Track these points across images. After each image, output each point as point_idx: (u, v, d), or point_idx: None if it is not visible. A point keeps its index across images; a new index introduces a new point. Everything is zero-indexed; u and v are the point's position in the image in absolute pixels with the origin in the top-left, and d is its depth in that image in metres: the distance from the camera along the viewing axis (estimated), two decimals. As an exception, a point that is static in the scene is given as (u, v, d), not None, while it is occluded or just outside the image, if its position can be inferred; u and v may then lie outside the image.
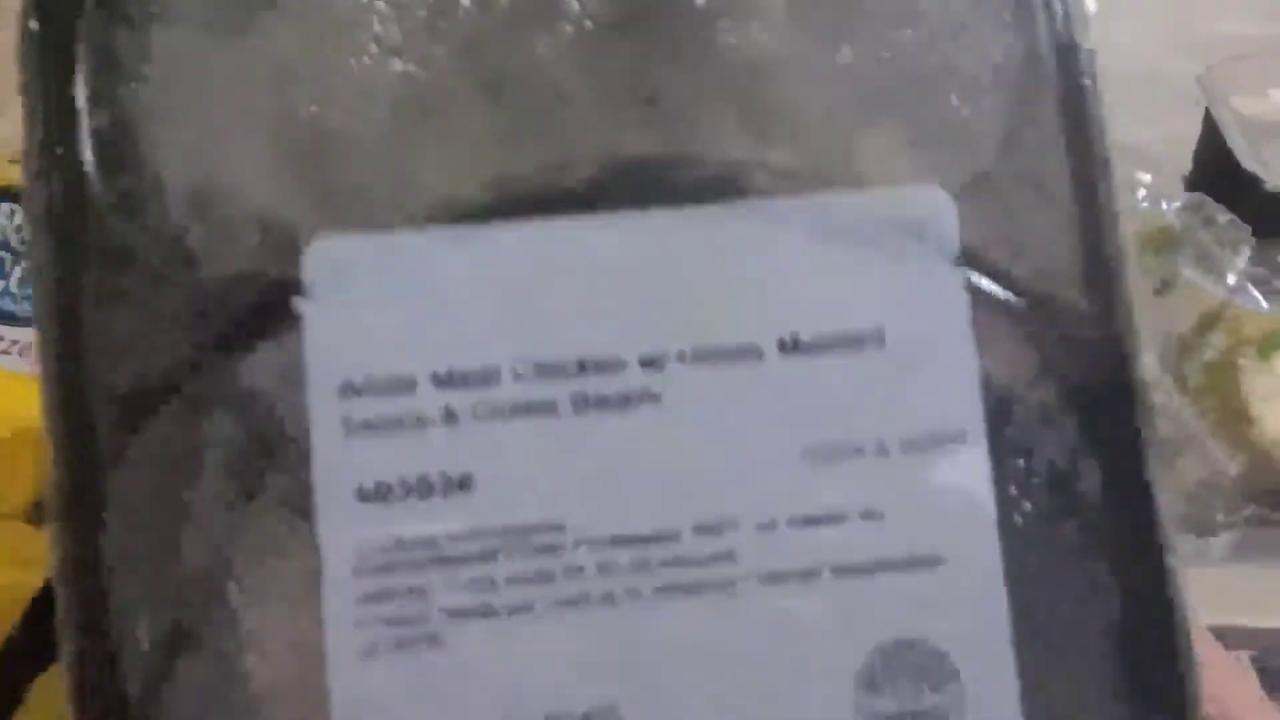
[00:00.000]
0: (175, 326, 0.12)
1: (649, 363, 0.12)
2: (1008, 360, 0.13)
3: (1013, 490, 0.12)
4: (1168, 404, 0.33)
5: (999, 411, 0.12)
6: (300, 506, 0.12)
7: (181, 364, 0.12)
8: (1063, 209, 0.13)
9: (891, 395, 0.12)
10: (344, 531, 0.12)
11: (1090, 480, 0.13)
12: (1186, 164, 0.51)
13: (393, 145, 0.12)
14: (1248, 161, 0.42)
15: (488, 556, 0.12)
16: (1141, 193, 0.38)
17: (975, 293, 0.12)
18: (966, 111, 0.13)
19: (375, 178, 0.12)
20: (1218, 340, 0.33)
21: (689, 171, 0.12)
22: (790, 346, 0.12)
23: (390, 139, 0.12)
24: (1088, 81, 0.13)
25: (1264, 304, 0.34)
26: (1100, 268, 0.13)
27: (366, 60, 0.12)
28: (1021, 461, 0.12)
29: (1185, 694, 0.12)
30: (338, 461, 0.12)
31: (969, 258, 0.12)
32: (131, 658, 0.12)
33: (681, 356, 0.12)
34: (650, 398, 0.12)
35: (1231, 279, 0.35)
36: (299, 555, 0.12)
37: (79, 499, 0.12)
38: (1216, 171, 0.46)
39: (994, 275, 0.13)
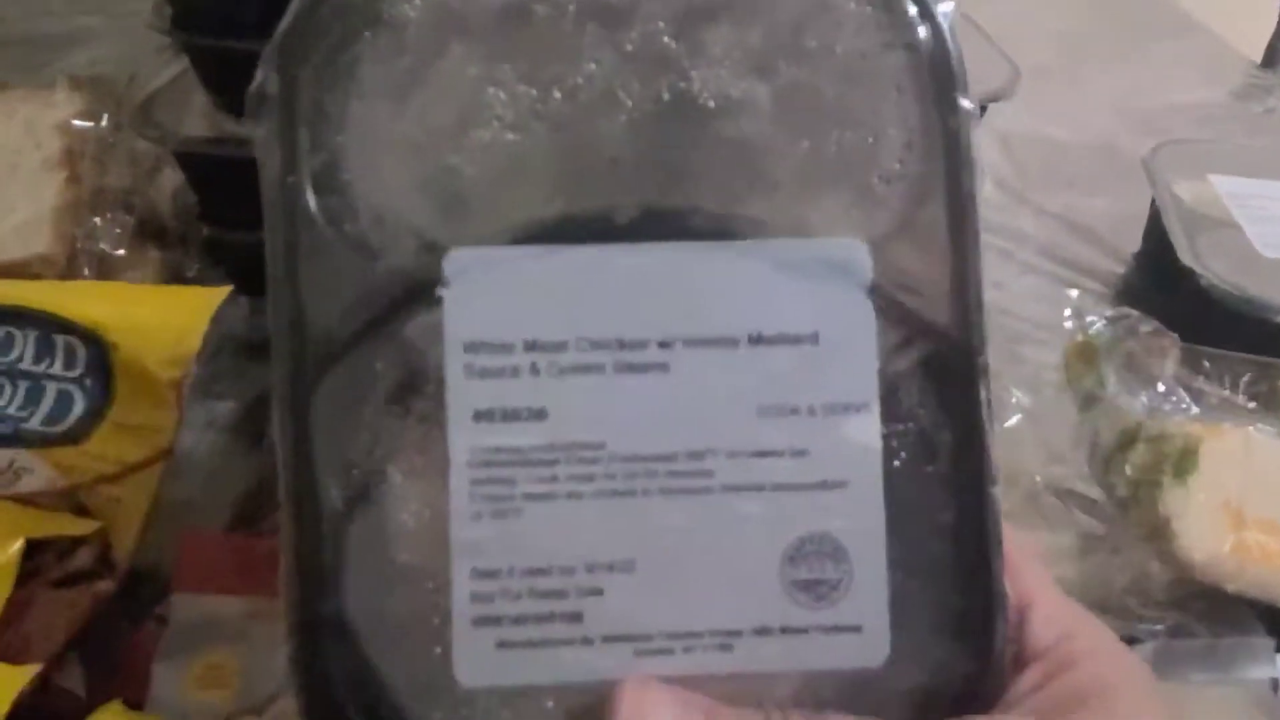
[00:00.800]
0: (360, 298, 0.18)
1: (663, 344, 0.18)
2: (895, 357, 0.19)
3: (894, 443, 0.18)
4: (1101, 506, 0.35)
5: (888, 391, 0.18)
6: (437, 420, 0.18)
7: (365, 323, 0.18)
8: (941, 259, 0.19)
9: (819, 377, 0.18)
10: (463, 438, 0.18)
11: (944, 438, 0.19)
12: (1136, 242, 0.53)
13: (502, 187, 0.18)
14: (1185, 256, 0.44)
15: (553, 461, 0.18)
16: (1067, 312, 0.39)
17: (879, 312, 0.18)
18: (883, 190, 0.19)
19: (489, 211, 0.18)
20: (1138, 457, 0.33)
21: (696, 218, 0.18)
22: (756, 339, 0.18)
23: (501, 183, 0.18)
24: (966, 176, 0.19)
25: (1194, 408, 0.36)
26: (962, 298, 0.19)
27: (488, 130, 0.18)
28: (900, 424, 0.19)
29: (991, 574, 0.18)
30: (461, 393, 0.18)
31: (876, 288, 0.19)
32: (328, 511, 0.18)
33: (684, 342, 0.18)
34: (662, 367, 0.18)
35: (1161, 386, 0.36)
36: (434, 451, 0.18)
37: (295, 403, 0.18)
38: (1159, 257, 0.48)
39: (891, 301, 0.19)
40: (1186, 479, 0.32)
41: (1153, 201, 0.51)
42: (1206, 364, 0.38)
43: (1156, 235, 0.49)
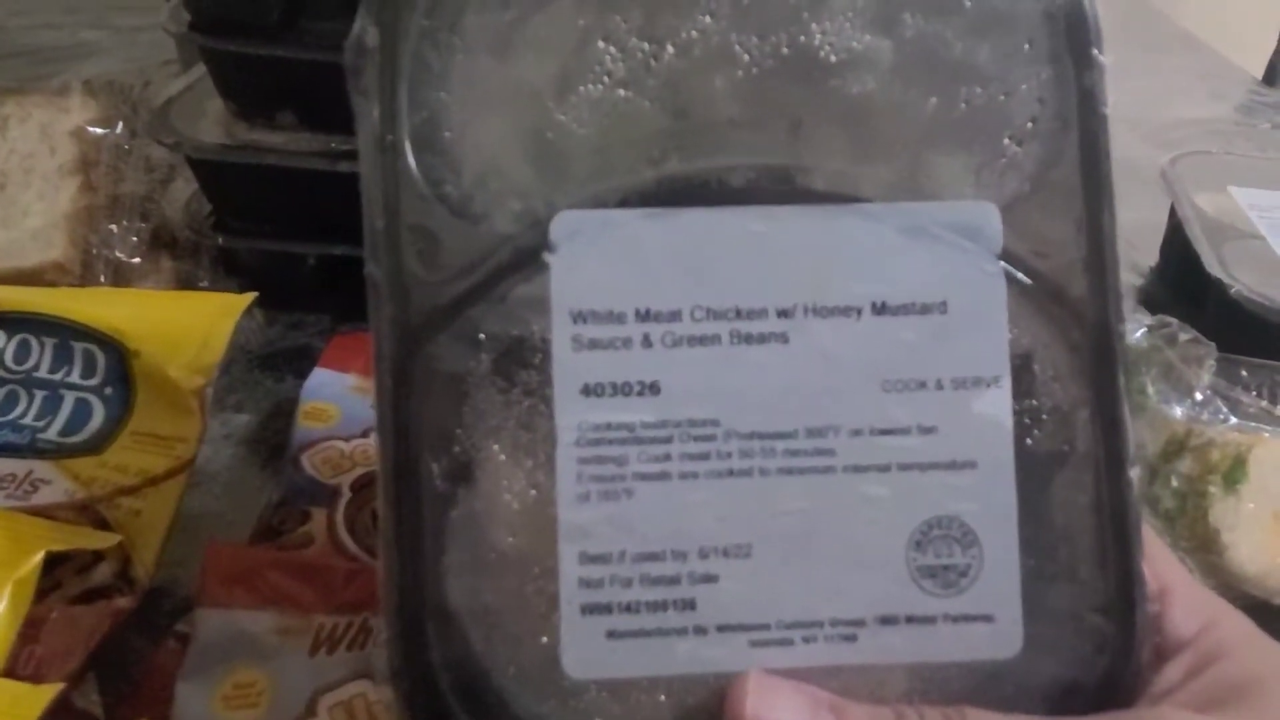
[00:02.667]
0: (464, 263, 0.17)
1: (783, 313, 0.17)
2: (1029, 329, 0.18)
3: (1027, 420, 0.17)
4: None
5: (1021, 365, 0.17)
6: (543, 395, 0.17)
7: (467, 290, 0.17)
8: (1074, 223, 0.18)
9: (947, 349, 0.17)
10: (571, 415, 0.17)
11: (1080, 415, 0.17)
12: (1153, 254, 0.52)
13: (612, 146, 0.17)
14: (1212, 267, 0.43)
15: (666, 439, 0.17)
16: None
17: (1010, 280, 0.17)
18: (1014, 150, 0.18)
19: (598, 171, 0.17)
20: (1185, 467, 0.32)
21: (816, 179, 0.17)
22: (880, 309, 0.17)
23: (610, 142, 0.17)
24: (1102, 136, 0.18)
25: (1232, 418, 0.35)
26: (1098, 267, 0.18)
27: (597, 87, 0.17)
28: (1033, 401, 0.17)
29: (1131, 560, 0.17)
30: (569, 366, 0.17)
31: (1007, 255, 0.17)
32: (428, 492, 0.17)
33: (805, 310, 0.17)
34: (782, 337, 0.17)
35: (1199, 395, 0.35)
36: (540, 428, 0.17)
37: (395, 376, 0.17)
38: (1181, 268, 0.47)
39: (1024, 268, 0.17)
40: (1238, 488, 0.31)
41: (1171, 213, 0.51)
42: (1244, 373, 0.37)
43: (1178, 246, 0.49)
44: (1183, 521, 0.32)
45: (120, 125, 0.41)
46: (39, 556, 0.26)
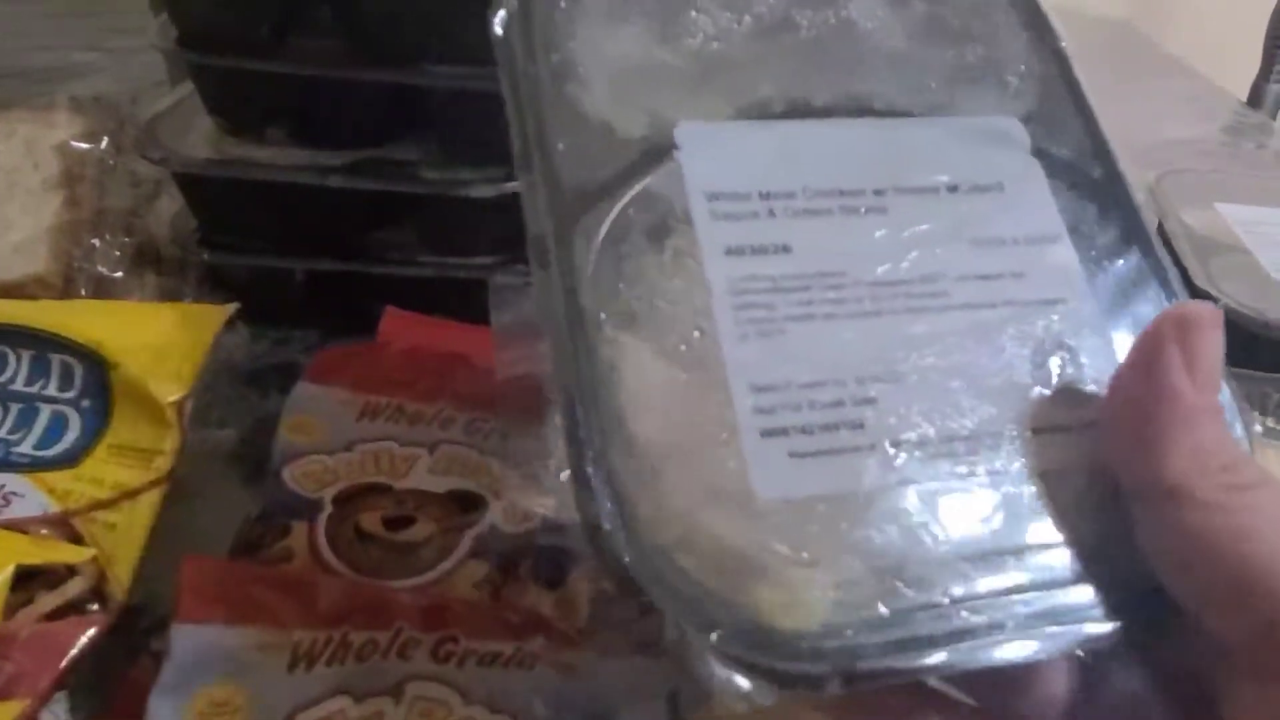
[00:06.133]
0: (606, 158, 0.20)
1: (878, 192, 0.21)
2: (1065, 201, 0.22)
3: (1089, 261, 0.21)
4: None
5: (1071, 226, 0.22)
6: (692, 255, 0.19)
7: (619, 175, 0.20)
8: (1077, 126, 0.23)
9: (1013, 215, 0.21)
10: (721, 270, 0.19)
11: (1123, 249, 0.22)
12: None
13: (715, 78, 0.22)
14: (1200, 280, 0.44)
15: (805, 288, 0.20)
16: None
17: (1045, 167, 0.22)
18: (1016, 84, 0.24)
19: (707, 94, 0.21)
20: None
21: (878, 102, 0.22)
22: (953, 188, 0.21)
23: (713, 75, 0.22)
24: (1078, 84, 0.24)
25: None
26: (1105, 155, 0.23)
27: (696, 40, 0.22)
28: (1088, 247, 0.22)
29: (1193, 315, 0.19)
30: (711, 233, 0.20)
31: (1037, 151, 0.22)
32: (601, 341, 0.18)
33: (895, 190, 0.21)
34: (881, 210, 0.21)
35: None
36: (695, 282, 0.19)
37: (558, 244, 0.19)
38: None
39: (1049, 160, 0.22)
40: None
41: (1159, 229, 0.51)
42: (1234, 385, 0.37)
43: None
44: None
45: (106, 141, 0.41)
46: (9, 571, 0.26)
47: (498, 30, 0.21)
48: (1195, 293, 0.43)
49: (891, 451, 0.18)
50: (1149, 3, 1.15)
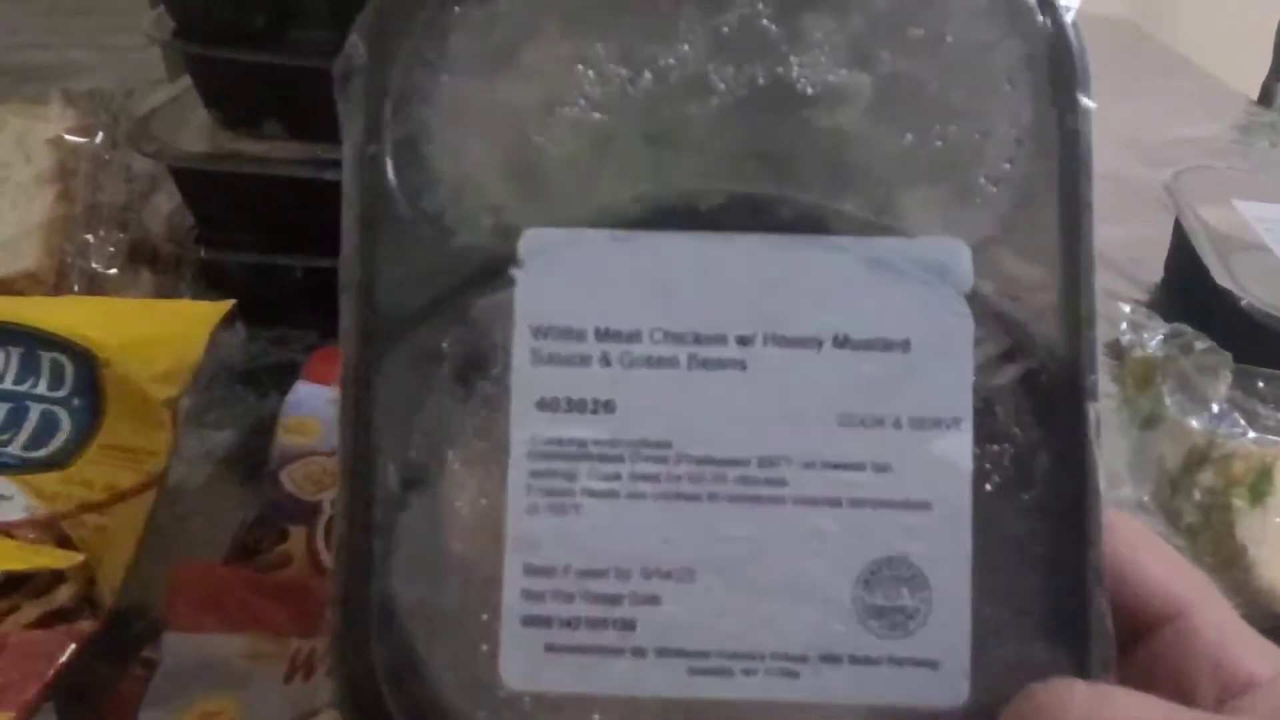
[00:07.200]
0: (432, 273, 0.17)
1: (742, 340, 0.17)
2: (994, 372, 0.17)
3: (986, 465, 0.17)
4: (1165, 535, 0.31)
5: (983, 408, 0.17)
6: (499, 406, 0.17)
7: (434, 299, 0.17)
8: (1049, 267, 0.17)
9: (908, 388, 0.17)
10: (525, 427, 0.17)
11: (1042, 461, 0.17)
12: (1155, 270, 0.52)
13: (583, 169, 0.17)
14: (1221, 278, 0.42)
15: (617, 458, 0.17)
16: (1123, 325, 0.38)
17: (978, 320, 0.17)
18: (989, 190, 0.17)
19: (569, 191, 0.17)
20: (1208, 480, 0.31)
21: (785, 209, 0.17)
22: (842, 342, 0.17)
23: (582, 165, 0.17)
24: (1083, 181, 0.17)
25: (1250, 431, 0.34)
26: (1072, 312, 0.17)
27: (575, 109, 0.17)
28: (994, 445, 0.17)
29: (1090, 614, 0.16)
30: (527, 379, 0.17)
31: (976, 295, 0.17)
32: (383, 492, 0.17)
33: (765, 339, 0.17)
34: (739, 364, 0.17)
35: (1215, 407, 0.35)
36: (494, 438, 0.17)
37: (359, 378, 0.17)
38: (1188, 281, 0.46)
39: (991, 310, 0.17)
40: (1264, 501, 0.30)
41: (1176, 227, 0.50)
42: (1261, 385, 0.36)
43: (1184, 259, 0.48)
44: (1206, 536, 0.31)
45: (100, 135, 0.40)
46: (-5, 576, 0.25)
47: (340, 88, 0.17)
48: (1214, 293, 0.42)
49: (656, 660, 0.16)
50: (1157, 4, 1.15)
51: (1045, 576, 0.16)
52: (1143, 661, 0.17)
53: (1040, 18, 0.17)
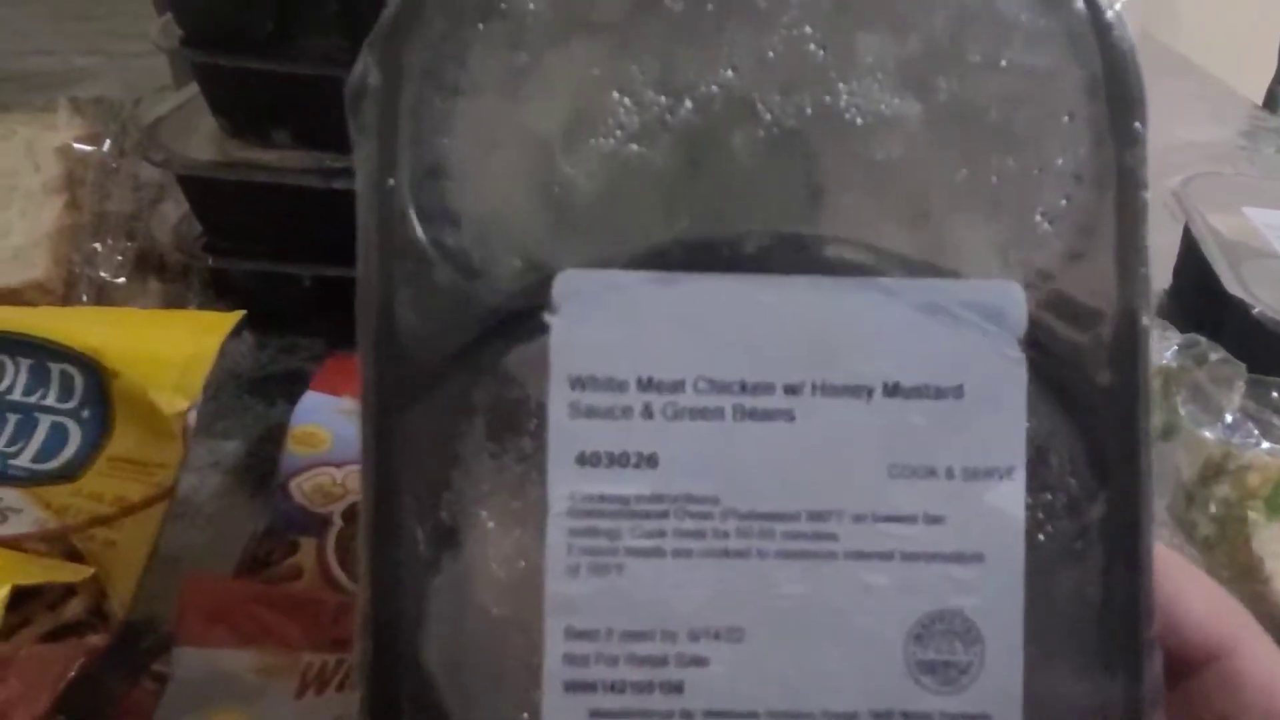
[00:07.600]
0: (459, 321, 0.16)
1: (790, 389, 0.16)
2: (1049, 419, 0.16)
3: (1040, 515, 0.16)
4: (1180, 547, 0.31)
5: (1037, 457, 0.16)
6: (536, 462, 0.16)
7: (462, 348, 0.16)
8: (1105, 310, 0.16)
9: (960, 437, 0.16)
10: (564, 484, 0.16)
11: (1097, 511, 0.16)
12: (1162, 278, 0.51)
13: (621, 204, 0.16)
14: (1232, 286, 0.42)
15: (661, 515, 0.16)
16: None
17: (1032, 366, 0.16)
18: (1045, 228, 0.16)
19: (604, 229, 0.16)
20: (1223, 492, 0.31)
21: (834, 249, 0.16)
22: (892, 390, 0.16)
23: (620, 199, 0.16)
24: (1140, 219, 0.16)
25: (1264, 442, 0.33)
26: (1127, 356, 0.16)
27: (611, 141, 0.16)
28: (1048, 495, 0.16)
29: (1142, 665, 0.16)
30: (565, 434, 0.16)
31: (1031, 339, 0.16)
32: (412, 555, 0.16)
33: (813, 388, 0.16)
34: (788, 415, 0.16)
35: (1229, 417, 0.34)
36: (531, 496, 0.16)
37: (381, 435, 0.16)
38: (1197, 289, 0.46)
39: (1047, 354, 0.16)
40: (1282, 513, 0.29)
41: (1184, 234, 0.50)
42: (1275, 395, 0.35)
43: (1193, 266, 0.47)
44: (1222, 549, 0.31)
45: (108, 143, 0.40)
46: (5, 591, 0.25)
47: (353, 115, 0.16)
48: (1224, 301, 0.42)
49: None
50: (1158, 6, 1.14)
51: (1095, 624, 0.16)
52: (1184, 700, 0.16)
53: (1098, 44, 0.16)
